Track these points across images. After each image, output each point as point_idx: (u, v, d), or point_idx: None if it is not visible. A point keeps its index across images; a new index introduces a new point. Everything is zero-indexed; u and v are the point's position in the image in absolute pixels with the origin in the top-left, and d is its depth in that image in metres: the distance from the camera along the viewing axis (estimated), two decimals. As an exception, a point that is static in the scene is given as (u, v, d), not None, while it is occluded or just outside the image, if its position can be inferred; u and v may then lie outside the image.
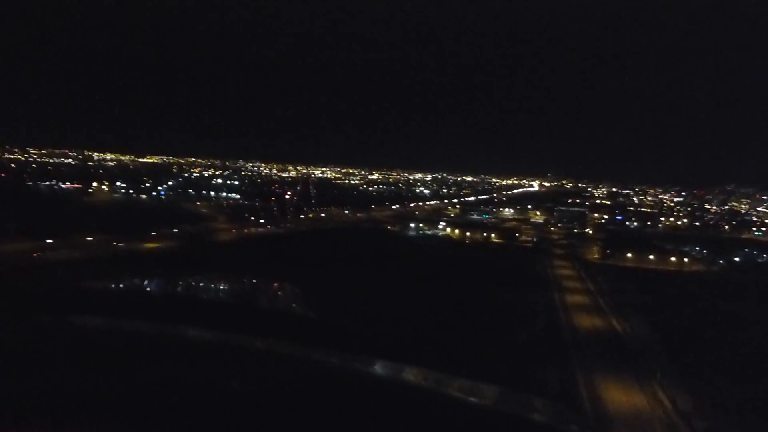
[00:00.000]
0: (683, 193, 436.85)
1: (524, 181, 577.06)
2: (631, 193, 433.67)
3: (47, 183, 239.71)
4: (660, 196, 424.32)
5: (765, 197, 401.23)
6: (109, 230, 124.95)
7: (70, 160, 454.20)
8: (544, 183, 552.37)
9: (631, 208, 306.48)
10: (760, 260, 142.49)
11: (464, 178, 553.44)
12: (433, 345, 65.45)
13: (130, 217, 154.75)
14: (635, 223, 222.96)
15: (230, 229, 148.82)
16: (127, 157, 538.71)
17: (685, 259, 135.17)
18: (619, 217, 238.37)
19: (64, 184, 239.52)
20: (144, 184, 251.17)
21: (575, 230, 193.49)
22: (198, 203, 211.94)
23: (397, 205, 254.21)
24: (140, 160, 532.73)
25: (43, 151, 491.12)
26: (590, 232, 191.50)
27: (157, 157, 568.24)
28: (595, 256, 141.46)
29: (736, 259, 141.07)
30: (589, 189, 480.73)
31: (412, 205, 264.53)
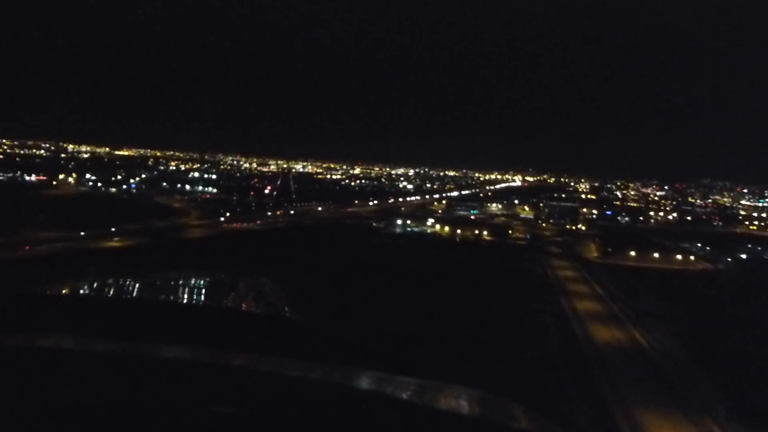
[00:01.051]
0: (665, 187, 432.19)
1: (506, 175, 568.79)
2: (614, 188, 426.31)
3: (9, 174, 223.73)
4: (642, 190, 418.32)
5: (745, 190, 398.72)
6: (64, 225, 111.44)
7: (42, 151, 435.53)
8: (526, 178, 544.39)
9: (617, 203, 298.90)
10: (766, 257, 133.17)
11: (446, 172, 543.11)
12: (427, 368, 53.59)
13: (92, 211, 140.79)
14: (626, 219, 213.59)
15: (203, 225, 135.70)
16: (103, 149, 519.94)
17: (691, 257, 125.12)
18: (608, 212, 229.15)
19: (29, 175, 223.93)
20: (115, 177, 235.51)
21: (567, 226, 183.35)
22: (171, 197, 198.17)
23: (381, 201, 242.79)
24: (116, 152, 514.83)
25: (15, 142, 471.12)
26: (583, 228, 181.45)
27: (134, 150, 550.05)
28: (595, 254, 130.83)
29: (742, 256, 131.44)
30: (572, 184, 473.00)
31: (395, 200, 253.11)
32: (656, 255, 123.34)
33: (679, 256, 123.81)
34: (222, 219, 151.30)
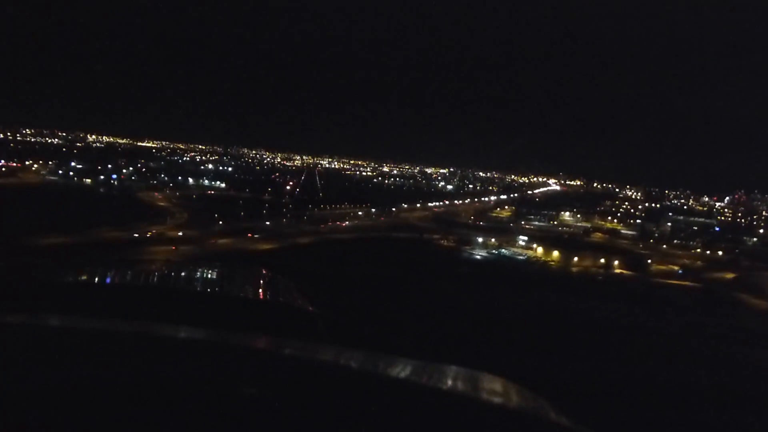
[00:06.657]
0: (726, 199, 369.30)
1: (539, 178, 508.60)
2: (672, 197, 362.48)
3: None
4: (704, 200, 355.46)
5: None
6: None
7: (56, 140, 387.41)
8: (562, 182, 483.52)
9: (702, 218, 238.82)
10: None
11: (478, 173, 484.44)
12: None
13: (14, 212, 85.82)
14: (754, 239, 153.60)
15: (176, 240, 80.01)
16: (124, 140, 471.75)
17: None
18: (717, 228, 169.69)
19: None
20: (100, 166, 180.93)
21: (697, 250, 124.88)
22: (162, 192, 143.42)
23: (425, 203, 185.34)
24: (138, 143, 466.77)
25: (31, 131, 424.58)
26: (720, 254, 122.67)
27: (156, 142, 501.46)
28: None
29: None
30: (618, 191, 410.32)
31: (443, 203, 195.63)
32: None
33: None
34: (218, 226, 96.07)
